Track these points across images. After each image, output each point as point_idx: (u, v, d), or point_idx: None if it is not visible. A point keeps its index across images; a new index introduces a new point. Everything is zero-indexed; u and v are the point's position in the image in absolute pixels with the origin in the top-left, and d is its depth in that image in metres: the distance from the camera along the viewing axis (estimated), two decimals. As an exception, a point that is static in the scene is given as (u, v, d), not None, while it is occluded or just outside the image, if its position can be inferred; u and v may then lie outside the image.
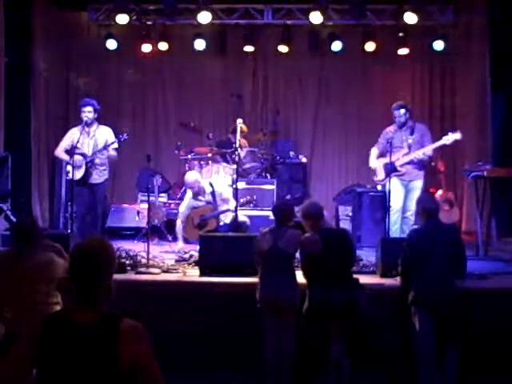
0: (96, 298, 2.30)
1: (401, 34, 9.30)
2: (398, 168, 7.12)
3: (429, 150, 7.11)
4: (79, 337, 2.22)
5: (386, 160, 7.12)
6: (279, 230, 4.94)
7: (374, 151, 7.42)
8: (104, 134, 6.99)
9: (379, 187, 7.70)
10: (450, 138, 7.01)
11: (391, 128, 7.37)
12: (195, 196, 7.65)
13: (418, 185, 7.17)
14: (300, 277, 4.96)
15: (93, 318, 2.25)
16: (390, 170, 7.14)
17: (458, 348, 4.75)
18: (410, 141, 7.10)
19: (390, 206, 6.87)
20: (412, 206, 6.96)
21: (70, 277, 2.33)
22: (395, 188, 7.11)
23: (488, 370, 5.19)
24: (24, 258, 4.09)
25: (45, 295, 4.11)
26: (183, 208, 7.75)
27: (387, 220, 6.81)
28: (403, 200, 7.16)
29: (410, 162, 7.12)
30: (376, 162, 7.38)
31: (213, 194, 7.63)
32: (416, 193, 7.05)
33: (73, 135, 6.98)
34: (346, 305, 4.70)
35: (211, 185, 7.69)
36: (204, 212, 7.61)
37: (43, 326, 2.27)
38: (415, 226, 6.54)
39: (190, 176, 7.71)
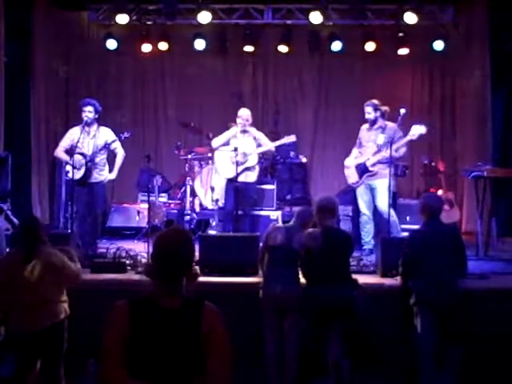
0: (182, 285, 2.46)
1: (401, 34, 9.31)
2: (370, 168, 7.05)
3: (399, 147, 6.93)
4: (169, 321, 2.39)
5: (357, 161, 7.14)
6: (295, 229, 4.95)
7: (355, 152, 7.41)
8: (104, 135, 6.99)
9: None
10: (416, 132, 6.87)
11: (364, 126, 7.36)
12: (240, 132, 7.53)
13: (381, 183, 6.97)
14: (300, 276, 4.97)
15: (179, 303, 2.44)
16: (363, 170, 7.09)
17: (459, 348, 4.75)
18: (379, 140, 7.02)
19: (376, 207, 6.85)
20: (382, 206, 6.88)
21: (158, 265, 2.47)
22: (360, 190, 7.18)
23: (489, 369, 5.19)
24: (31, 259, 4.11)
25: (52, 294, 4.14)
26: (219, 143, 7.65)
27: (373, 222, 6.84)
28: (372, 201, 7.10)
29: (379, 162, 7.01)
30: (349, 162, 7.34)
31: (255, 138, 7.60)
32: (382, 192, 6.91)
33: (72, 135, 6.97)
34: (344, 305, 4.70)
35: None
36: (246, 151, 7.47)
37: (132, 309, 2.41)
38: (403, 226, 6.59)
39: (246, 110, 7.62)
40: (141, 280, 5.80)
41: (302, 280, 4.95)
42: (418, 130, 6.89)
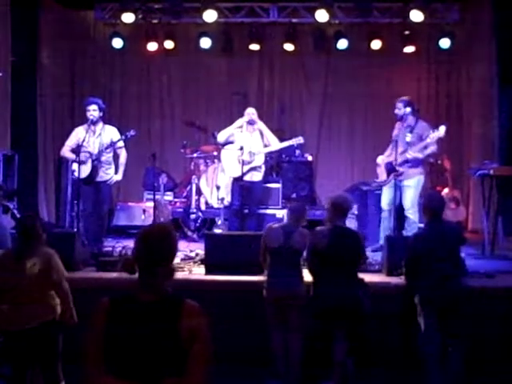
0: (160, 280, 2.45)
1: (407, 32, 9.29)
2: (397, 167, 6.99)
3: (415, 150, 6.88)
4: (147, 314, 2.39)
5: (387, 160, 7.13)
6: (291, 227, 4.94)
7: (388, 150, 7.32)
8: (109, 133, 7.01)
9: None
10: (435, 135, 6.77)
11: (397, 124, 7.26)
12: (247, 124, 7.54)
13: (410, 183, 6.96)
14: (306, 274, 4.97)
15: (158, 298, 2.42)
16: (390, 170, 7.06)
17: (463, 347, 4.73)
18: (407, 139, 6.95)
19: (396, 205, 6.85)
20: (407, 204, 6.91)
21: (135, 258, 2.48)
22: (386, 187, 7.14)
23: (494, 368, 5.18)
24: (24, 256, 4.11)
25: (42, 294, 4.13)
26: (225, 136, 7.64)
27: (392, 218, 6.81)
28: (397, 199, 7.08)
29: (406, 161, 6.94)
30: (380, 160, 7.30)
31: (261, 133, 7.61)
32: (409, 192, 6.91)
33: (78, 134, 6.99)
34: (350, 304, 4.70)
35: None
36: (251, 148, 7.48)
37: (112, 304, 2.43)
38: (420, 225, 6.56)
39: (252, 109, 7.69)
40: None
41: (306, 278, 4.94)
42: (436, 133, 6.77)
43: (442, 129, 6.74)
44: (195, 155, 8.94)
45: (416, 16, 8.83)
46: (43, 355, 4.16)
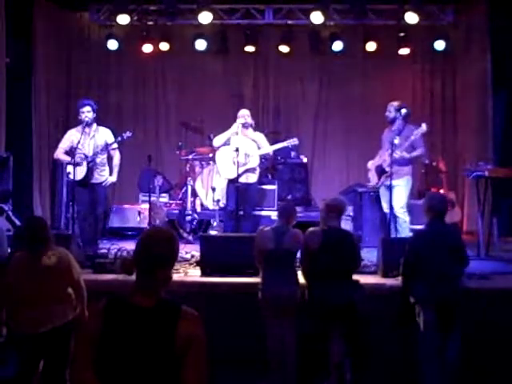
0: (157, 285, 2.42)
1: (402, 34, 9.30)
2: (386, 169, 7.03)
3: (401, 150, 6.93)
4: (142, 319, 2.35)
5: (377, 163, 7.19)
6: (283, 229, 4.94)
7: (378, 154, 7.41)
8: (103, 135, 7.00)
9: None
10: (418, 132, 6.87)
11: (387, 128, 7.35)
12: (242, 128, 7.51)
13: (399, 183, 6.99)
14: (300, 276, 4.97)
15: (154, 303, 2.39)
16: (380, 172, 7.13)
17: (459, 347, 4.74)
18: (395, 141, 6.99)
19: (392, 208, 6.87)
20: (397, 204, 6.94)
21: (135, 260, 2.46)
22: (381, 191, 7.20)
23: (489, 369, 5.19)
24: (40, 259, 4.09)
25: (63, 293, 4.13)
26: (221, 141, 7.64)
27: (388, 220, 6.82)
28: (389, 200, 7.10)
29: (394, 162, 6.94)
30: (371, 164, 7.37)
31: (254, 141, 7.62)
32: (398, 191, 6.94)
33: (71, 136, 6.98)
34: (345, 305, 4.70)
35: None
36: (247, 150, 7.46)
37: (106, 307, 2.39)
38: (420, 227, 6.57)
39: (245, 110, 7.70)
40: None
41: (301, 280, 4.94)
42: (419, 130, 6.92)
43: (424, 125, 6.89)
44: (191, 157, 8.93)
45: (411, 18, 8.85)
46: (58, 357, 4.12)
